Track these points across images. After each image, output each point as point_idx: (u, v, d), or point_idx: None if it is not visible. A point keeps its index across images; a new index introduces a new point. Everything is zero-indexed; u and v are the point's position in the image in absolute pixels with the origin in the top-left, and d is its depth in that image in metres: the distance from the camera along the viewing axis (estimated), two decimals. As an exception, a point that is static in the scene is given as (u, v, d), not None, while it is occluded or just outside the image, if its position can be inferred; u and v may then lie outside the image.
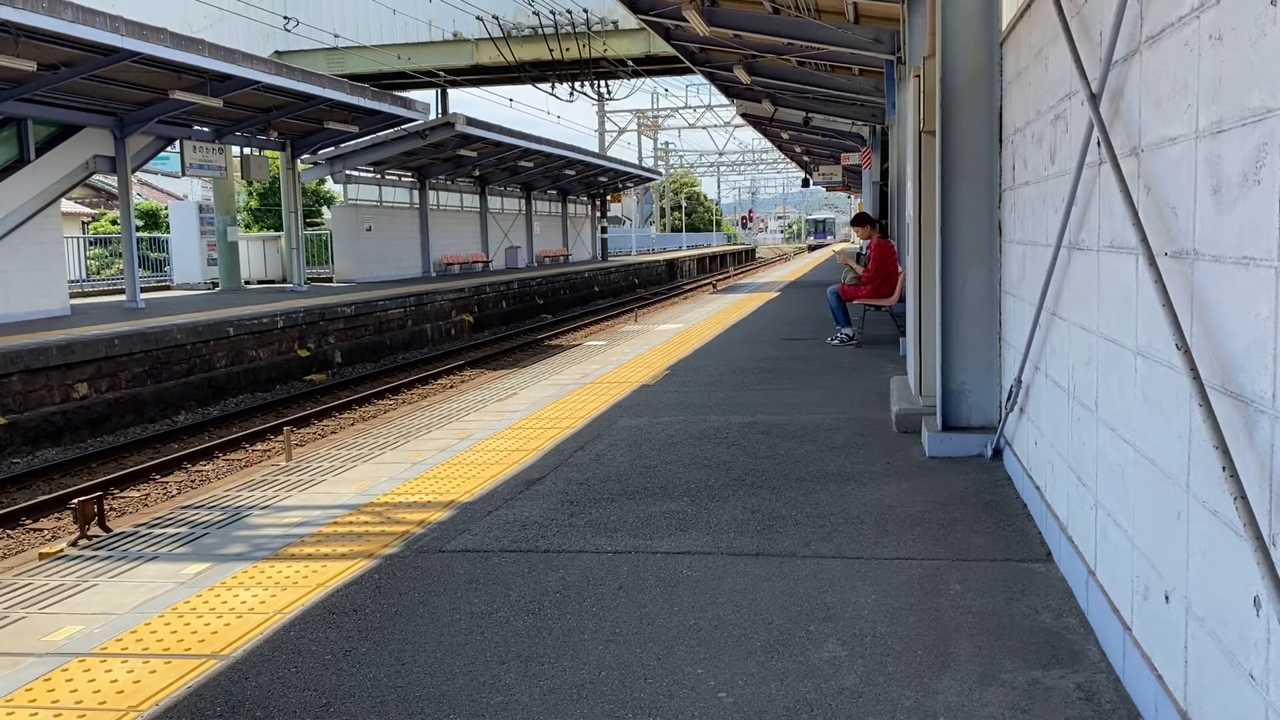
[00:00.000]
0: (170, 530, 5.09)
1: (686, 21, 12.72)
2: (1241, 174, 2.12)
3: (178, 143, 21.08)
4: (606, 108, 52.57)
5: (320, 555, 4.54)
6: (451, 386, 17.08)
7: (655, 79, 39.89)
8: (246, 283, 26.38)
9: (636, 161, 57.06)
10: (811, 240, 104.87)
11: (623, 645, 3.43)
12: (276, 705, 3.06)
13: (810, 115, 21.89)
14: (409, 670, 3.29)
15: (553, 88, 35.01)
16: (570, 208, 45.19)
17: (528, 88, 36.86)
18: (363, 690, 3.15)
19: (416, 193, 30.72)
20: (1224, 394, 2.21)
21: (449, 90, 33.62)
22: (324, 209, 34.46)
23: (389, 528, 4.94)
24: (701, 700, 3.01)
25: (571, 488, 5.57)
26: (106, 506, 5.36)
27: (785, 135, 30.47)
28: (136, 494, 10.56)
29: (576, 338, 23.36)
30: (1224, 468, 2.07)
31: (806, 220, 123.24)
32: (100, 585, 4.25)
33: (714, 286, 34.02)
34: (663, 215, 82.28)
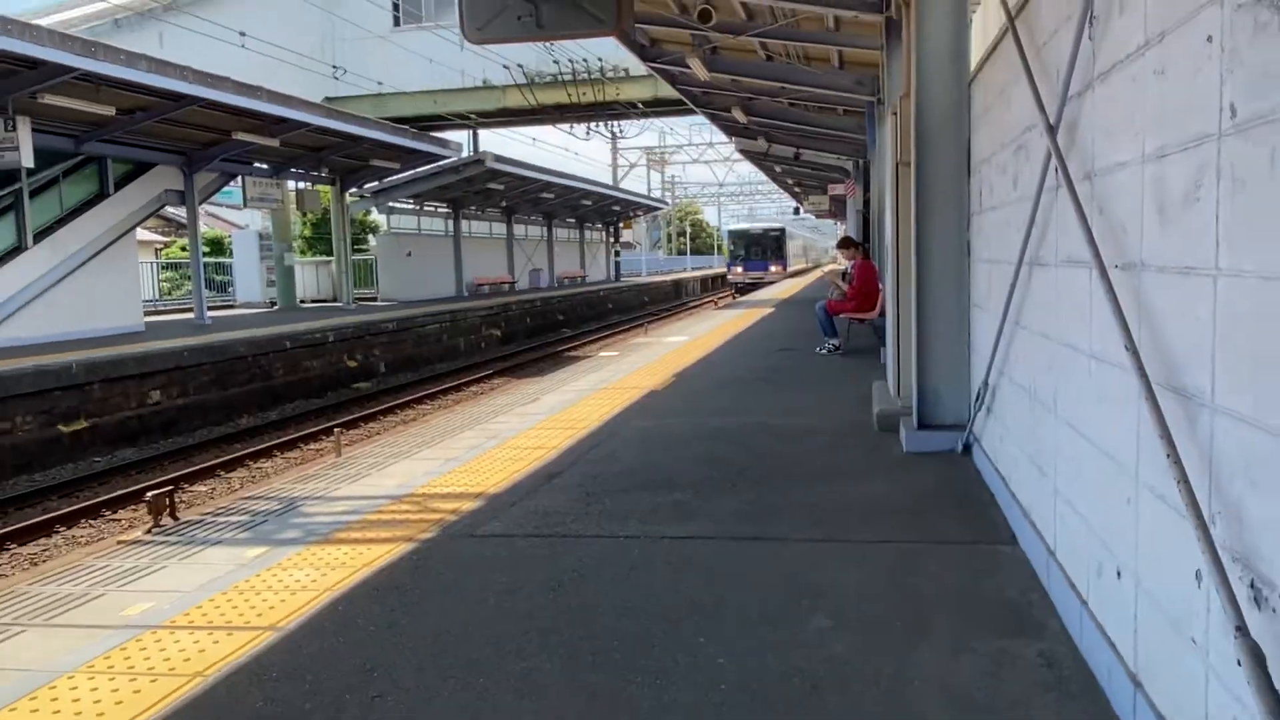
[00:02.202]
0: (233, 519, 5.13)
1: (689, 68, 12.77)
2: (1183, 194, 2.12)
3: (239, 178, 21.20)
4: (619, 145, 52.59)
5: (365, 539, 4.56)
6: (481, 393, 17.09)
7: (662, 119, 40.04)
8: (301, 302, 26.43)
9: (646, 192, 56.97)
10: (740, 271, 47.77)
11: (633, 618, 3.43)
12: (326, 671, 3.07)
13: (800, 151, 21.90)
14: (443, 640, 3.30)
15: (571, 128, 35.19)
16: (587, 234, 45.21)
17: (549, 128, 37.05)
18: (402, 658, 3.16)
19: (451, 222, 30.79)
20: (1169, 390, 2.20)
21: (479, 130, 33.68)
22: (369, 236, 34.55)
23: (426, 515, 4.95)
24: (703, 667, 3.01)
25: (588, 481, 5.57)
26: (176, 499, 5.38)
27: (778, 168, 30.52)
28: (203, 488, 10.61)
29: (592, 349, 23.33)
30: (1168, 455, 2.07)
31: (731, 234, 53.99)
32: (170, 567, 4.28)
33: (716, 303, 34.00)
34: (669, 240, 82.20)
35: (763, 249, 47.59)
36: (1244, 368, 1.84)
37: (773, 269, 46.70)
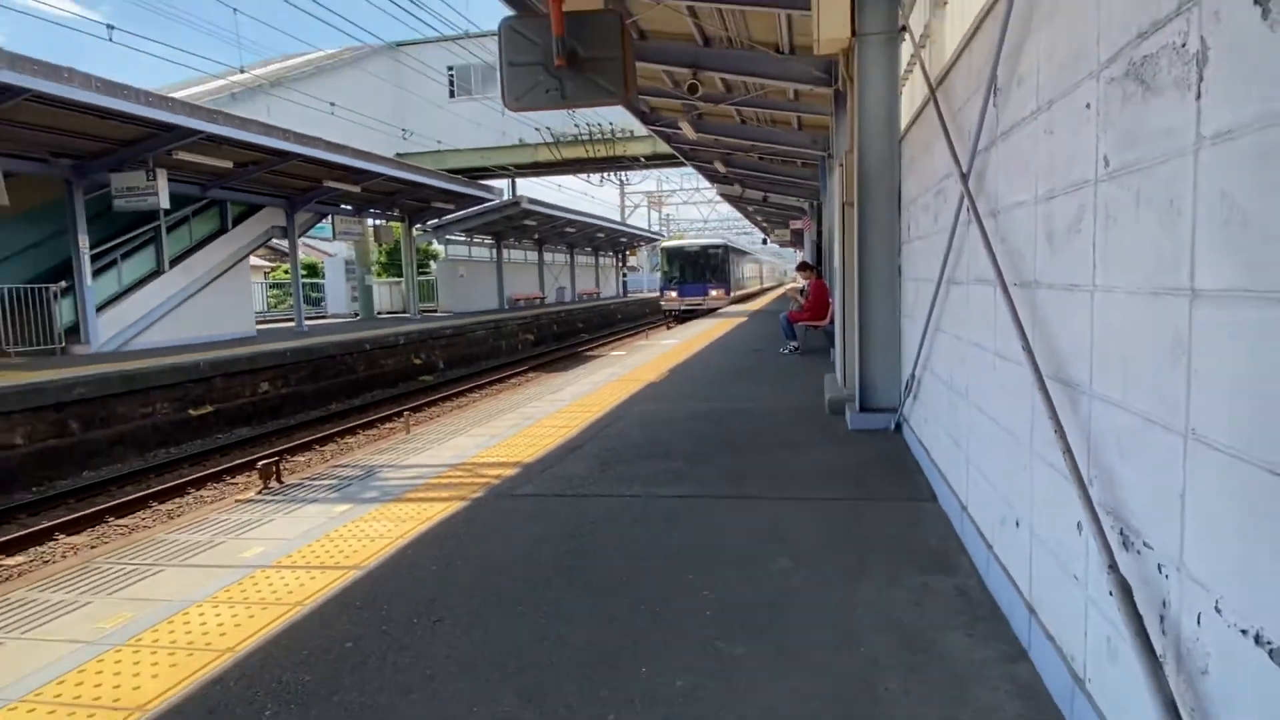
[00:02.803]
0: (324, 482, 5.13)
1: (681, 130, 12.74)
2: (1067, 227, 2.12)
3: (330, 216, 21.21)
4: (625, 189, 52.50)
5: (428, 498, 4.56)
6: (518, 384, 17.08)
7: (660, 169, 39.94)
8: (378, 313, 26.43)
9: (647, 227, 57.02)
10: (674, 296, 32.09)
11: (637, 559, 3.44)
12: (398, 601, 3.08)
13: (768, 194, 21.83)
14: (489, 577, 3.30)
15: (588, 177, 35.06)
16: (601, 259, 45.14)
17: (570, 176, 36.97)
18: (457, 591, 3.16)
19: (494, 250, 30.77)
20: (1056, 381, 2.20)
21: (516, 178, 33.64)
22: (431, 262, 34.51)
23: (475, 479, 4.96)
24: (691, 596, 3.01)
25: (601, 452, 5.57)
26: (281, 467, 5.38)
27: (751, 208, 30.39)
28: (302, 458, 10.62)
29: (605, 350, 23.29)
30: (1056, 431, 2.07)
31: (665, 252, 34.18)
32: (276, 520, 4.29)
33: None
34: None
35: (701, 270, 31.95)
36: (1114, 363, 1.84)
37: (713, 293, 31.58)
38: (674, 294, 32.10)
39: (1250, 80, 1.32)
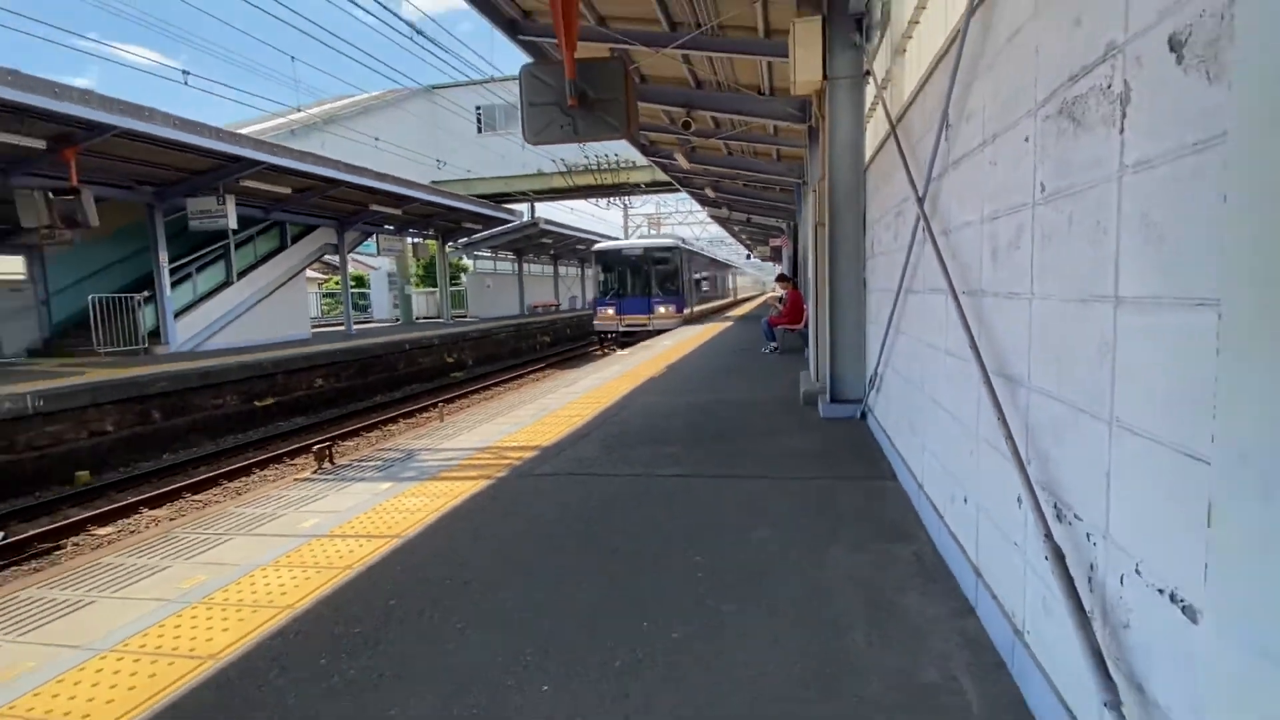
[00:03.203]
0: (370, 464, 5.13)
1: (676, 160, 12.73)
2: (1009, 243, 2.12)
3: (375, 235, 21.21)
4: (629, 211, 52.46)
5: (459, 477, 4.56)
6: (537, 379, 17.06)
7: (658, 194, 39.79)
8: (416, 318, 26.43)
9: (647, 244, 56.90)
10: (610, 314, 19.69)
11: (639, 530, 3.43)
12: (433, 564, 3.08)
13: (751, 216, 21.80)
14: (510, 546, 3.30)
15: (596, 201, 34.99)
16: (607, 272, 45.01)
17: (581, 201, 36.98)
18: (483, 557, 3.16)
19: (515, 264, 30.78)
20: (999, 376, 2.20)
21: (535, 202, 33.63)
22: (461, 274, 34.53)
23: (500, 461, 4.95)
24: (684, 561, 3.01)
25: (608, 438, 5.57)
26: (333, 451, 5.39)
27: (736, 227, 30.37)
28: (351, 443, 10.62)
29: (612, 349, 23.30)
30: (999, 419, 2.07)
31: (598, 257, 20.59)
32: (329, 496, 4.29)
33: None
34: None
35: (646, 278, 20.91)
36: (1049, 360, 1.83)
37: (662, 309, 20.58)
38: (610, 310, 20.41)
39: (1167, 117, 1.32)
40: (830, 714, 1.94)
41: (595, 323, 20.97)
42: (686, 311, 21.39)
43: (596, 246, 21.77)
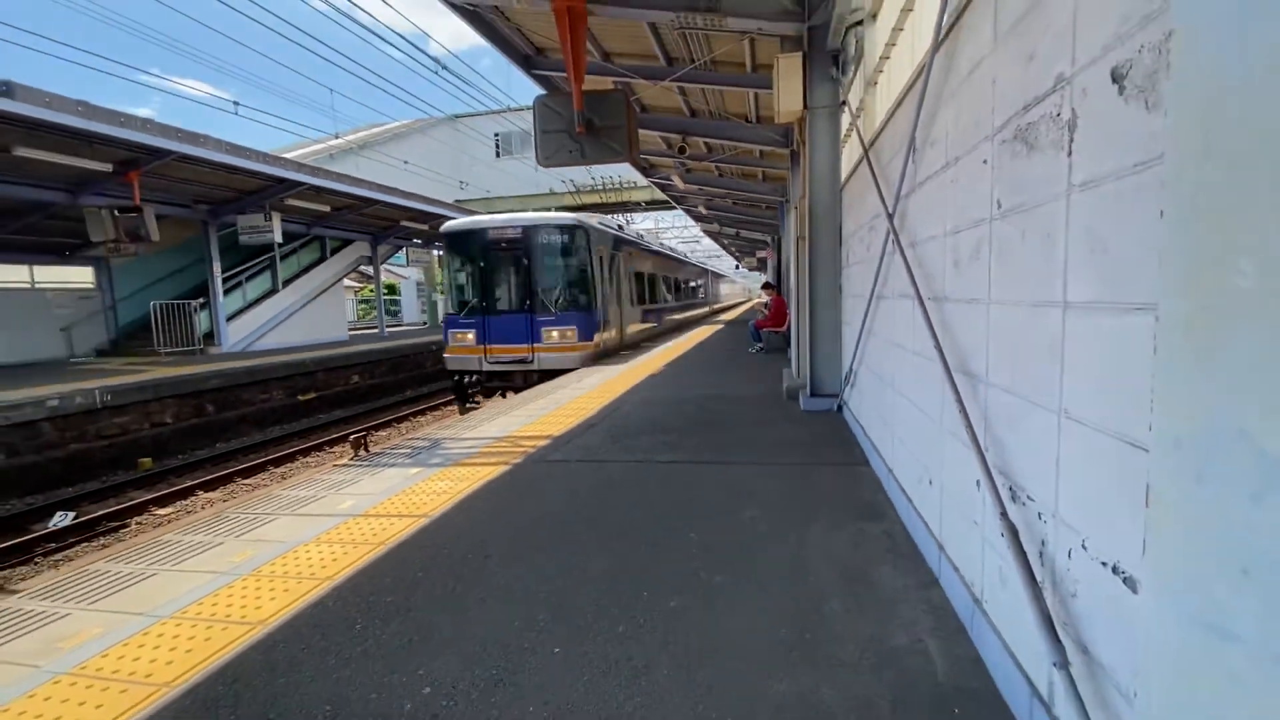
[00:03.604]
0: (401, 451, 5.13)
1: (672, 180, 12.73)
2: (970, 255, 2.11)
3: (405, 248, 21.20)
4: (630, 226, 52.25)
5: (480, 463, 4.55)
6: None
7: (657, 211, 39.77)
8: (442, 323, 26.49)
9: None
10: (469, 340, 8.22)
11: (639, 510, 3.42)
12: (457, 541, 3.08)
13: (740, 230, 21.81)
14: (526, 524, 3.30)
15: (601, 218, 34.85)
16: (611, 281, 44.70)
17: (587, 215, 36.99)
18: (502, 535, 3.16)
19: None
20: (960, 373, 2.20)
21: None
22: (482, 283, 34.50)
23: (516, 449, 4.95)
24: (680, 538, 3.00)
25: (612, 428, 5.56)
26: (368, 440, 5.38)
27: (726, 240, 30.37)
28: (383, 433, 10.63)
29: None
30: (960, 411, 2.07)
31: (449, 242, 8.26)
32: (364, 480, 4.28)
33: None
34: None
35: (528, 281, 9.37)
36: (1004, 359, 1.83)
37: (556, 333, 9.48)
38: (469, 335, 10.25)
39: (1109, 141, 1.31)
40: (811, 673, 1.94)
41: (445, 355, 10.46)
42: (600, 337, 11.10)
43: (445, 226, 10.54)
